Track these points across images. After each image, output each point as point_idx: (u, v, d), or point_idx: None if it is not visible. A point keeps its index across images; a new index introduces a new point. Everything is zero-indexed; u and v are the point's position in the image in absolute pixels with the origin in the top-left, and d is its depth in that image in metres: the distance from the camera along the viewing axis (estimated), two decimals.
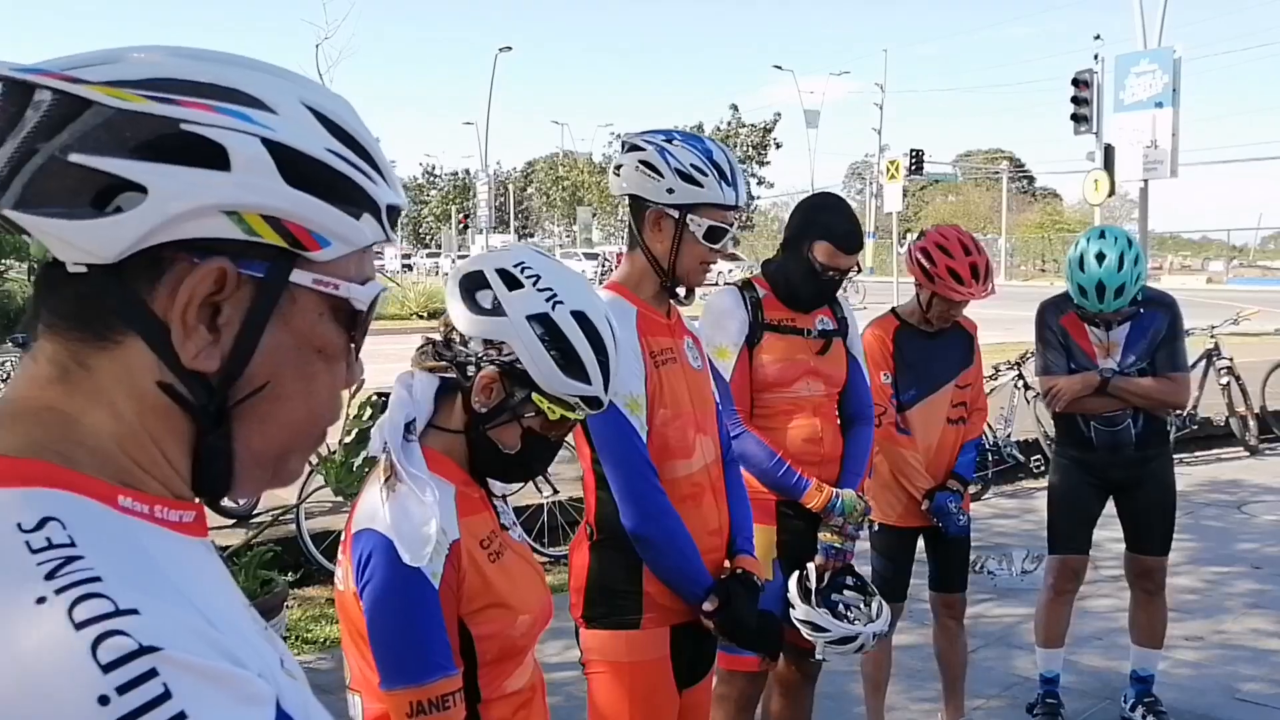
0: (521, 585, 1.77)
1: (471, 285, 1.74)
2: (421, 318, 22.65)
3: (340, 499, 6.27)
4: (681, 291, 2.57)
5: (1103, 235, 3.95)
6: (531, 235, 67.25)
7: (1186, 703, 4.42)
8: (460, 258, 49.21)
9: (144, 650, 0.64)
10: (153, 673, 0.63)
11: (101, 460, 0.76)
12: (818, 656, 3.08)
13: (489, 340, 1.72)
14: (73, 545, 0.68)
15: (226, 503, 0.88)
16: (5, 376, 6.11)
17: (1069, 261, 3.99)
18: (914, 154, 30.39)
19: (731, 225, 2.51)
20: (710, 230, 2.46)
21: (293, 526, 6.08)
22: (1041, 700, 4.27)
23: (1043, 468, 8.82)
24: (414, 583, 1.60)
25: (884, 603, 3.04)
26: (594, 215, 56.04)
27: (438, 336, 1.81)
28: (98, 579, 0.67)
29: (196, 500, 0.84)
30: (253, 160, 0.75)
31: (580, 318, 1.73)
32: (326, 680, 4.74)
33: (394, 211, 0.85)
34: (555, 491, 2.12)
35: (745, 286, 3.22)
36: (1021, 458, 8.68)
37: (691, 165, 2.43)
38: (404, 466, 1.64)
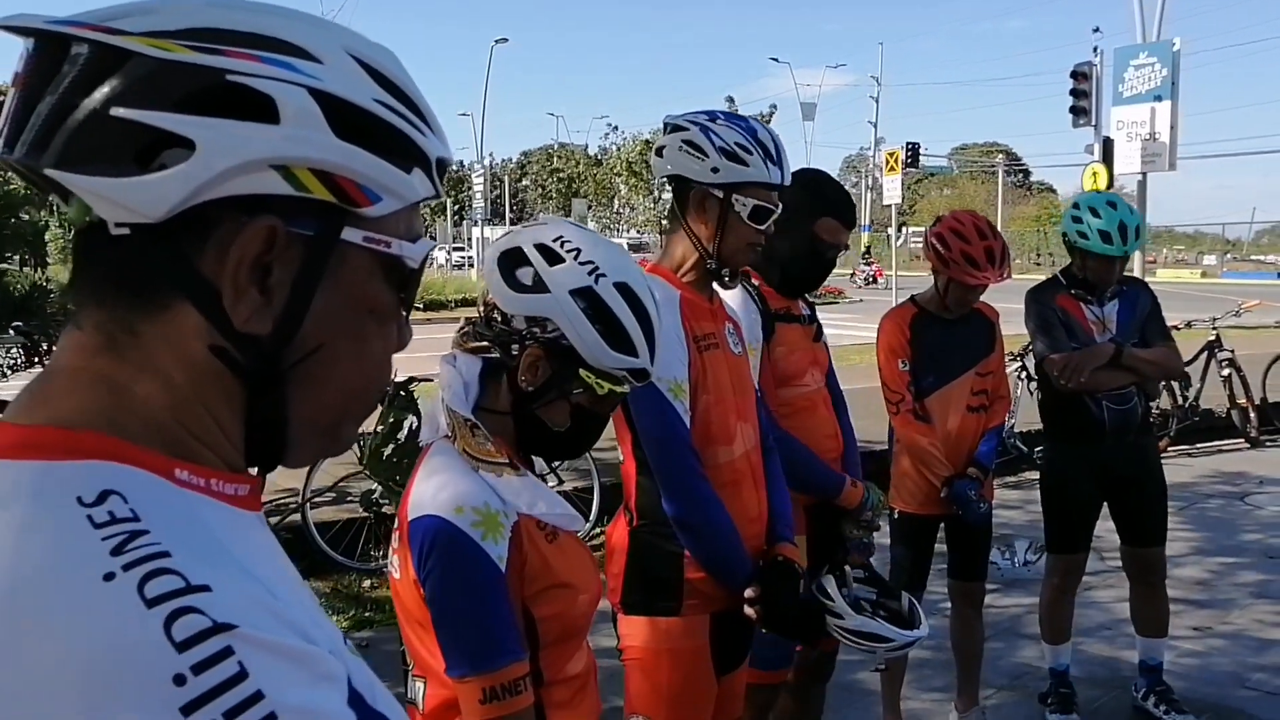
0: (578, 565, 1.75)
1: (511, 263, 1.71)
2: (418, 309, 22.56)
3: (344, 489, 6.34)
4: (726, 275, 2.52)
5: (1093, 198, 4.06)
6: None
7: (1195, 692, 4.42)
8: (455, 249, 49.15)
9: (219, 628, 0.61)
10: (228, 651, 0.61)
11: (156, 432, 0.73)
12: (879, 666, 3.01)
13: (532, 318, 1.68)
14: (137, 519, 0.66)
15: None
16: (3, 365, 6.07)
17: (1079, 218, 3.96)
18: (910, 147, 30.33)
19: (777, 206, 2.46)
20: (756, 210, 2.42)
21: (297, 516, 6.05)
22: (1054, 690, 4.26)
23: None
24: (481, 567, 1.57)
25: (913, 599, 3.00)
26: (589, 207, 55.87)
27: (477, 315, 1.77)
28: (166, 554, 0.64)
29: (251, 473, 0.81)
30: (301, 112, 0.72)
31: (624, 289, 1.70)
32: None
33: (443, 165, 0.82)
34: (561, 481, 2.10)
35: (742, 279, 3.11)
36: (1025, 448, 8.68)
37: (736, 144, 2.39)
38: (487, 433, 1.62)
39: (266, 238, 0.73)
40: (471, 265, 39.55)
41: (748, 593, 2.36)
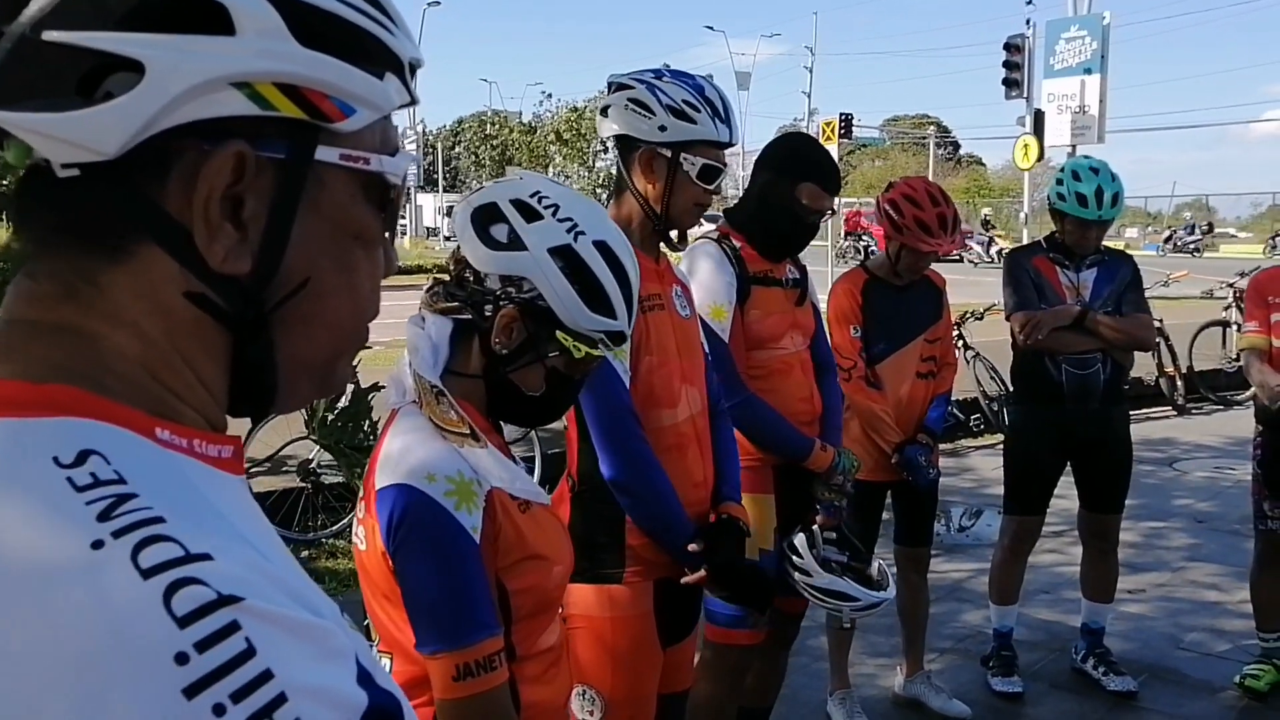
0: (551, 535, 1.69)
1: (485, 219, 1.62)
2: None
3: (281, 458, 6.20)
4: (675, 236, 2.48)
5: (1077, 162, 4.10)
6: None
7: (1132, 653, 4.51)
8: None
9: (224, 600, 0.55)
10: (234, 625, 0.54)
11: (133, 388, 0.65)
12: (844, 625, 3.02)
13: (507, 277, 1.60)
14: (123, 481, 0.59)
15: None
16: None
17: (1061, 180, 4.03)
18: (843, 118, 30.47)
19: (725, 165, 2.43)
20: (705, 169, 2.39)
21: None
22: (996, 653, 4.31)
23: (981, 426, 8.96)
24: (455, 539, 1.50)
25: (883, 564, 2.99)
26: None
27: (447, 276, 1.69)
28: (160, 519, 0.57)
29: (235, 435, 0.74)
30: (259, 19, 0.64)
31: (603, 248, 1.63)
32: None
33: (414, 68, 0.75)
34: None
35: (720, 239, 3.06)
36: (961, 416, 8.79)
37: (684, 101, 2.34)
38: (453, 400, 1.55)
39: (235, 166, 0.65)
40: (405, 234, 38.99)
41: (691, 547, 2.32)
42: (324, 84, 0.67)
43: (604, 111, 2.45)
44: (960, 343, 9.02)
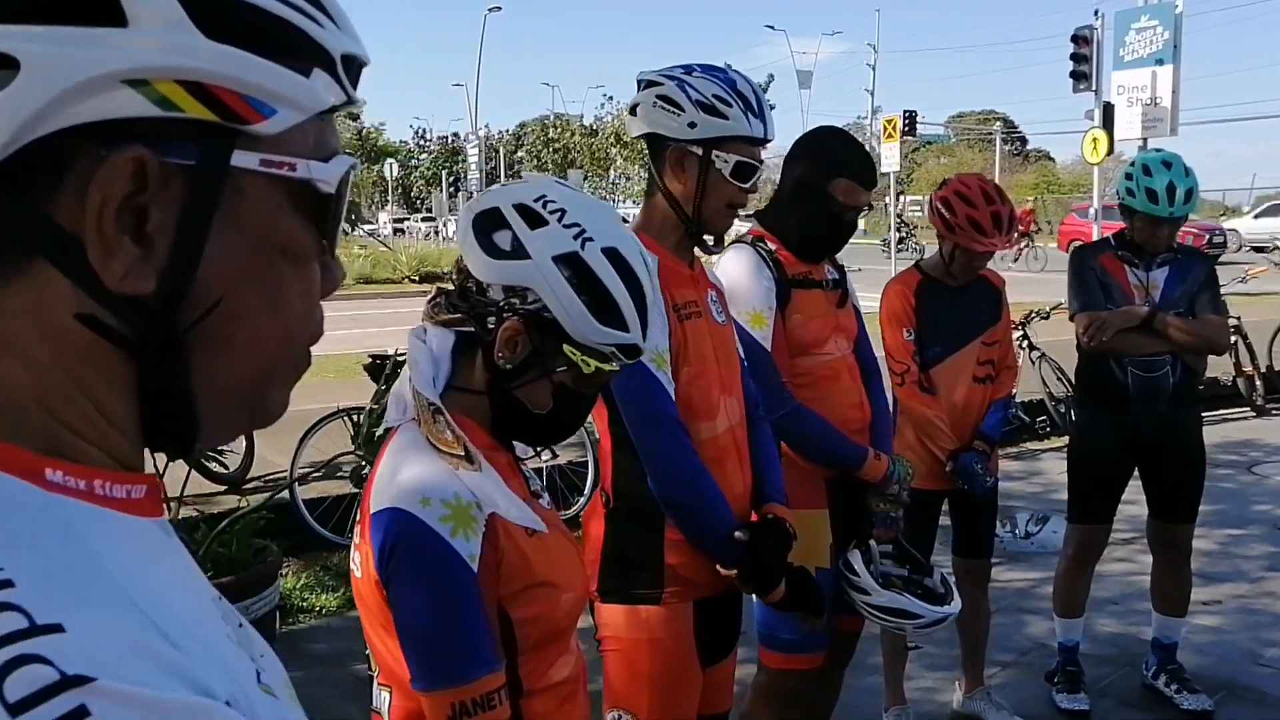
0: (561, 560, 1.58)
1: (488, 225, 1.52)
2: (414, 281, 22.50)
3: (337, 464, 6.21)
4: (709, 240, 2.37)
5: (1149, 156, 3.92)
6: None
7: (1208, 669, 4.30)
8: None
9: (69, 681, 0.47)
10: (81, 711, 0.47)
11: (19, 423, 0.58)
12: (909, 645, 2.90)
13: (510, 287, 1.50)
14: None
15: (216, 467, 0.70)
16: None
17: (1130, 175, 3.86)
18: (907, 115, 30.10)
19: (761, 162, 2.31)
20: (738, 167, 2.27)
21: (286, 494, 5.92)
22: (1061, 668, 4.14)
23: (1047, 429, 8.71)
24: (449, 567, 1.41)
25: (945, 575, 2.86)
26: (585, 178, 55.69)
27: (450, 285, 1.60)
28: (8, 583, 0.50)
29: (151, 468, 0.66)
30: (156, 8, 0.57)
31: (613, 255, 1.51)
32: (325, 650, 4.61)
33: (353, 63, 0.66)
34: (554, 455, 1.93)
35: (755, 242, 2.93)
36: (1026, 418, 8.56)
37: (714, 96, 2.23)
38: (450, 419, 1.46)
39: (134, 173, 0.57)
40: None
41: (737, 534, 2.22)
42: (236, 81, 0.59)
43: (632, 110, 2.35)
44: (1025, 343, 8.78)
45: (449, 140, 64.77)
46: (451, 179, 54.85)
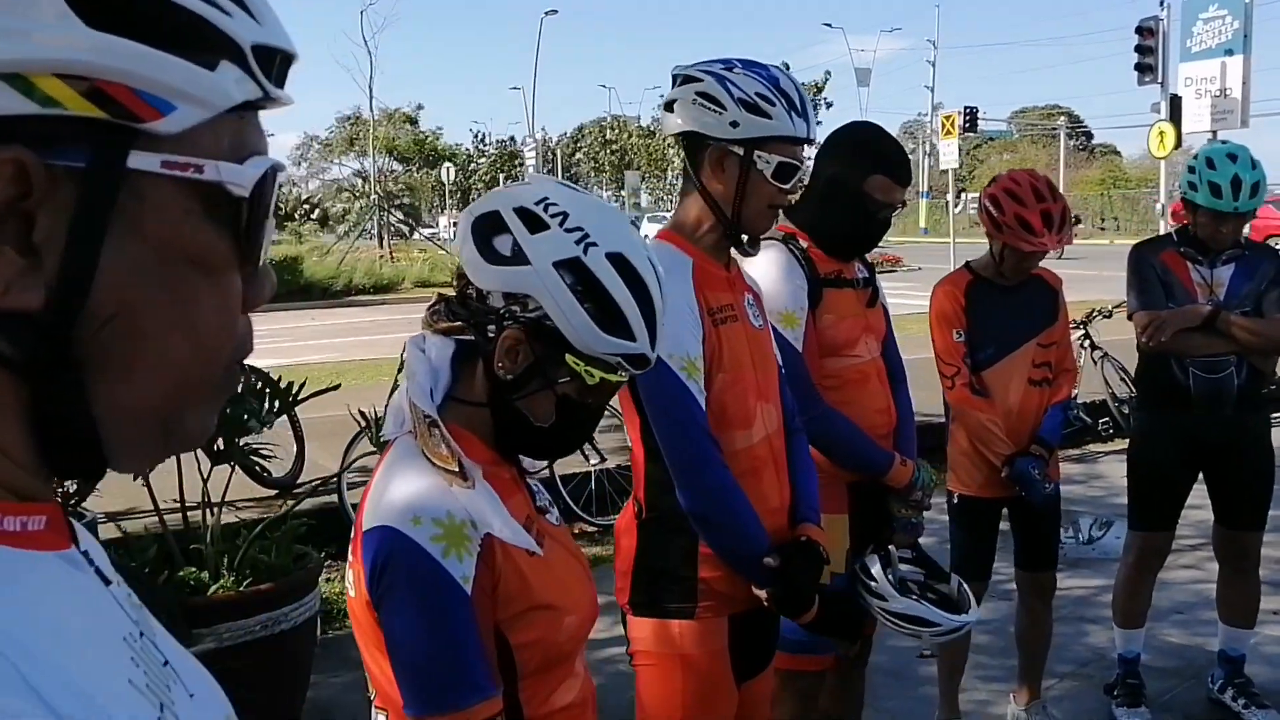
0: (566, 580, 1.52)
1: (487, 229, 1.45)
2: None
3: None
4: (746, 241, 2.30)
5: (1214, 149, 3.78)
6: None
7: (1278, 682, 4.12)
8: None
9: None
10: None
11: None
12: (925, 652, 2.81)
13: (510, 294, 1.44)
14: None
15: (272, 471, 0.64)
16: None
17: (1193, 169, 3.71)
18: (968, 111, 29.73)
19: (803, 162, 2.23)
20: (780, 168, 2.19)
21: (333, 496, 5.94)
22: (1121, 681, 3.99)
23: (1110, 431, 8.48)
24: (440, 590, 1.34)
25: (961, 580, 2.77)
26: (642, 179, 55.74)
27: (451, 291, 1.54)
28: None
29: (54, 496, 0.61)
30: None
31: (618, 261, 1.44)
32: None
33: (267, 55, 0.60)
34: (603, 459, 1.86)
35: (786, 240, 2.85)
36: (1089, 420, 8.35)
37: (757, 94, 2.15)
38: (446, 432, 1.40)
39: (14, 177, 0.52)
40: None
41: (767, 560, 2.14)
42: (125, 75, 0.53)
43: (669, 106, 2.27)
44: (1086, 343, 8.57)
45: (507, 143, 65.22)
46: (510, 182, 55.20)
